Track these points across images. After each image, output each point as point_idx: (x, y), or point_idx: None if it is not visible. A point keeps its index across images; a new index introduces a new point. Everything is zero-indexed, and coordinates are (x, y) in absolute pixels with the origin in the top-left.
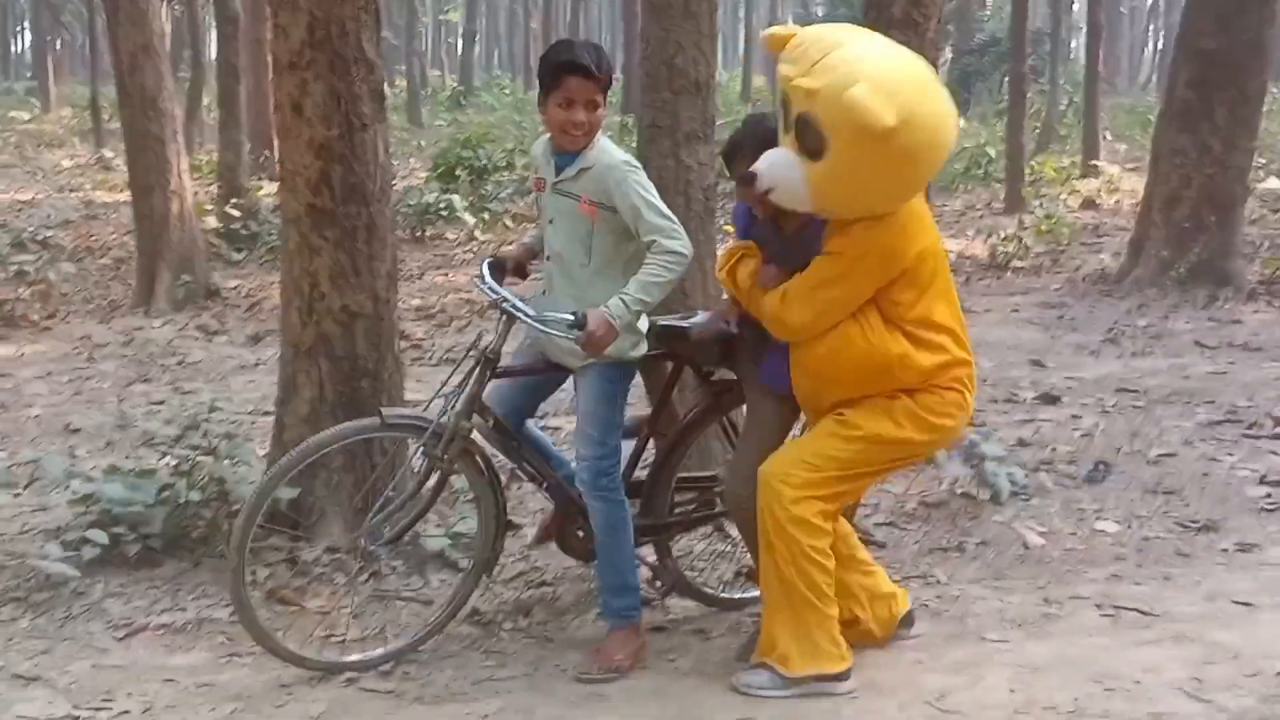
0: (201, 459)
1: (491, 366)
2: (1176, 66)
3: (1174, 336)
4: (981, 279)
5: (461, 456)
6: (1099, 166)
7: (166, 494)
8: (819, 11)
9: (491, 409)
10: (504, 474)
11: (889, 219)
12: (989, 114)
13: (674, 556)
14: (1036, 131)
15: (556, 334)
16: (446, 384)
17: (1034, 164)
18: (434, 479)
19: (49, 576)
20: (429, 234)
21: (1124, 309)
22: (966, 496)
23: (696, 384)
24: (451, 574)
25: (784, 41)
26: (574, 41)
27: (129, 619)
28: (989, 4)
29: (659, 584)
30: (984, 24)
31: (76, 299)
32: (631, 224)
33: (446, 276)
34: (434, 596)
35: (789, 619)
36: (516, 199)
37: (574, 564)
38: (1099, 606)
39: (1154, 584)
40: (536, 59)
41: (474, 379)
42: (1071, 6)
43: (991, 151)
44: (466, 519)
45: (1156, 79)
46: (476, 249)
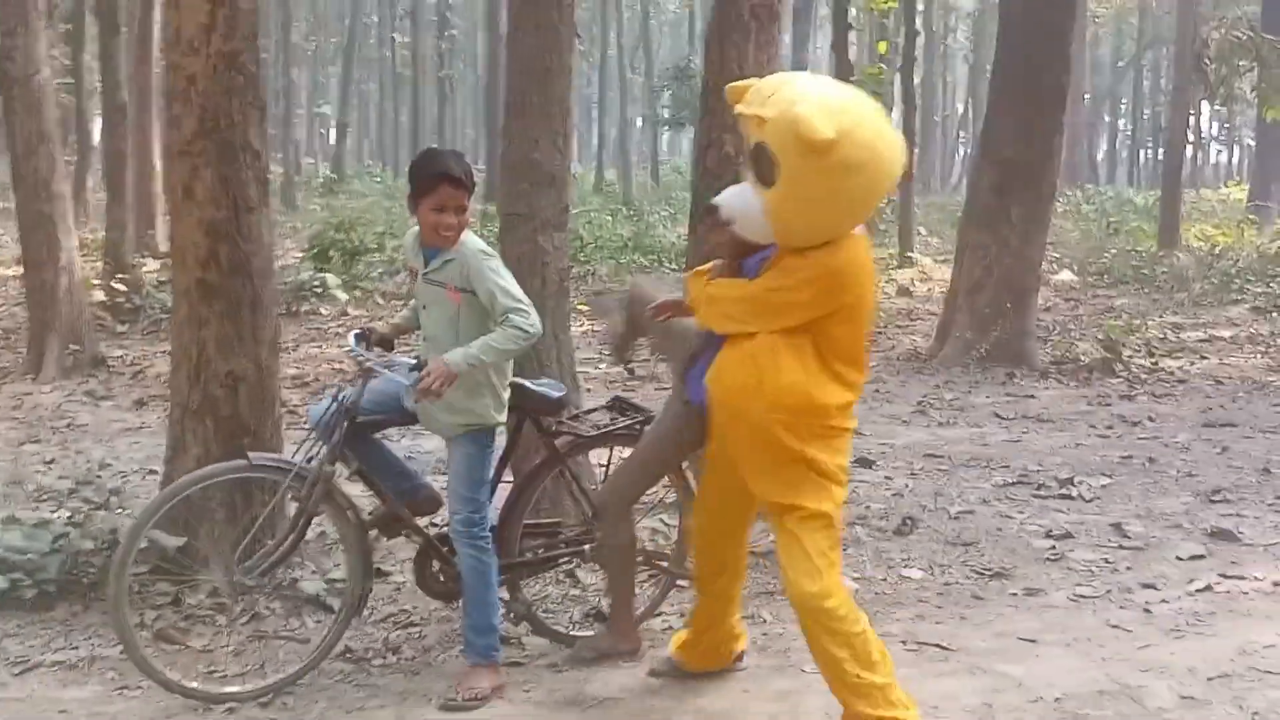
0: (93, 511)
1: (350, 417)
2: (979, 171)
3: (975, 409)
4: None
5: (325, 499)
6: (913, 258)
7: (61, 543)
8: (665, 113)
9: (351, 459)
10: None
11: (842, 249)
12: None
13: (523, 596)
14: None
15: (400, 377)
16: (310, 435)
17: None
18: (301, 521)
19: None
20: (304, 309)
21: (932, 384)
22: None
23: (537, 437)
24: (326, 615)
25: (743, 91)
26: (443, 152)
27: (25, 657)
28: None
29: (511, 614)
30: None
31: None
32: (488, 305)
33: (320, 348)
34: (310, 635)
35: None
36: (386, 278)
37: (439, 606)
38: (904, 642)
39: (952, 623)
40: (405, 150)
41: (335, 429)
42: (890, 114)
43: None
44: (340, 566)
45: (965, 180)
46: (348, 323)
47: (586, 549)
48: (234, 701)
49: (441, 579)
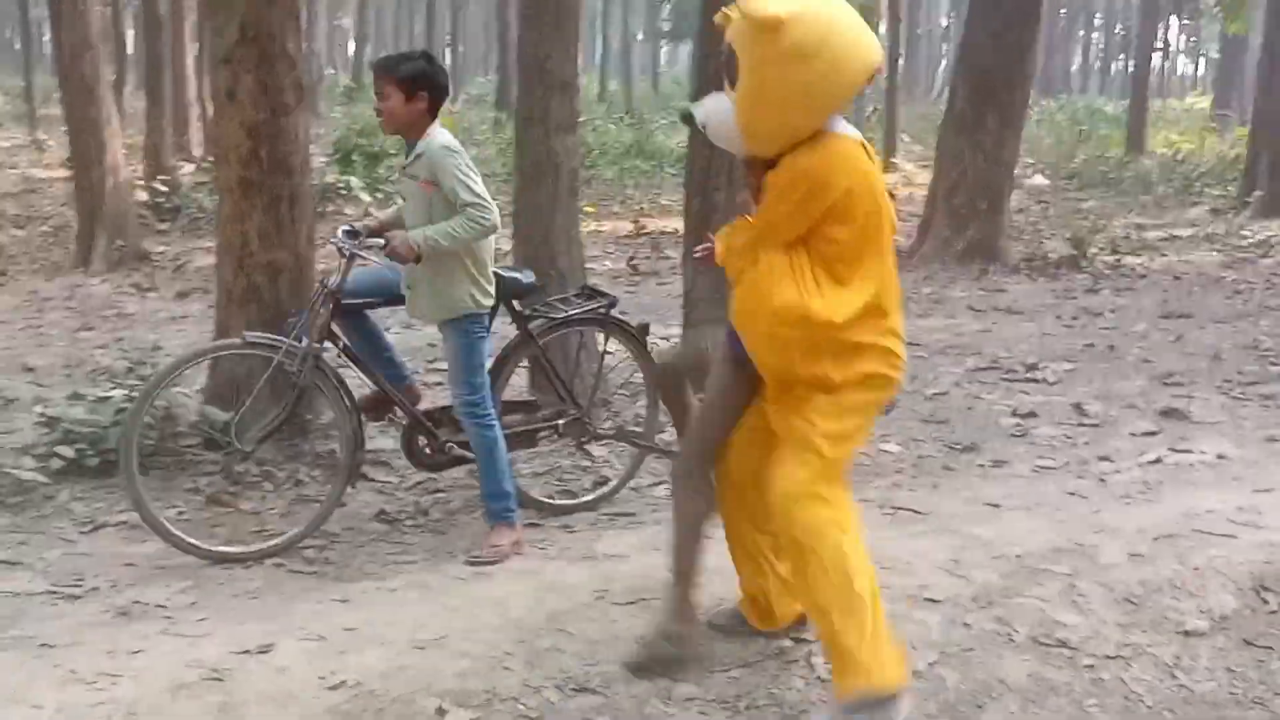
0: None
1: (335, 299)
2: (956, 80)
3: (951, 301)
4: None
5: (315, 374)
6: (897, 164)
7: (120, 416)
8: (665, 26)
9: (340, 335)
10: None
11: (816, 148)
12: None
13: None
14: None
15: (373, 257)
16: (301, 316)
17: None
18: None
19: (23, 483)
20: (330, 210)
21: (912, 279)
22: None
23: (510, 320)
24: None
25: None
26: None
27: (91, 518)
28: None
29: None
30: None
31: (22, 260)
32: (451, 198)
33: None
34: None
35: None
36: None
37: (463, 474)
38: (881, 507)
39: (925, 491)
40: None
41: (321, 310)
42: (877, 28)
43: None
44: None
45: (948, 91)
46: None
47: (560, 423)
48: (233, 561)
49: (428, 452)
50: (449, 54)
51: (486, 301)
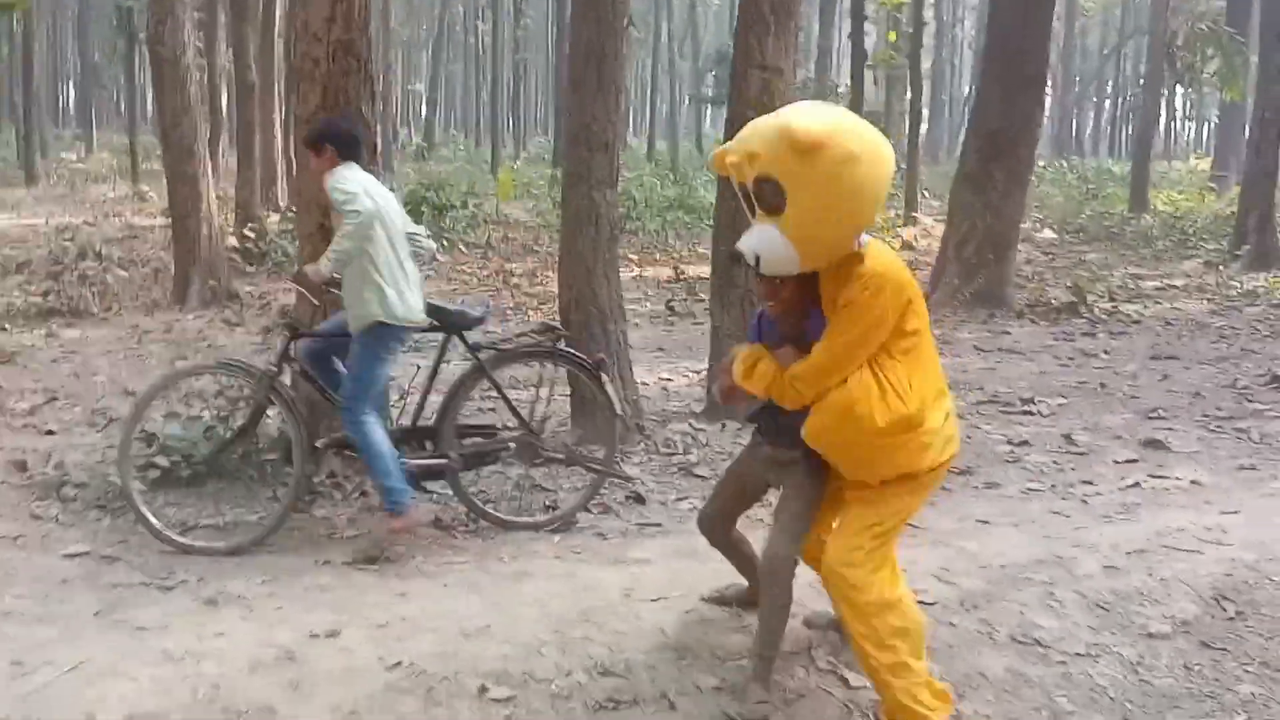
0: (233, 410)
1: (293, 329)
2: (968, 141)
3: (959, 342)
4: None
5: (272, 394)
6: (917, 217)
7: (210, 433)
8: (709, 92)
9: (299, 359)
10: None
11: (871, 254)
12: None
13: (462, 486)
14: None
15: (293, 284)
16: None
17: None
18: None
19: (124, 490)
20: None
21: None
22: None
23: (464, 352)
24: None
25: (722, 156)
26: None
27: (184, 521)
28: (841, 89)
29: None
30: (836, 104)
31: (125, 297)
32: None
33: None
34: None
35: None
36: (469, 230)
37: (511, 486)
38: None
39: (923, 509)
40: (485, 123)
41: (281, 339)
42: (905, 95)
43: None
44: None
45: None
46: (436, 268)
47: (512, 445)
48: (199, 553)
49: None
50: (510, 117)
51: (398, 312)
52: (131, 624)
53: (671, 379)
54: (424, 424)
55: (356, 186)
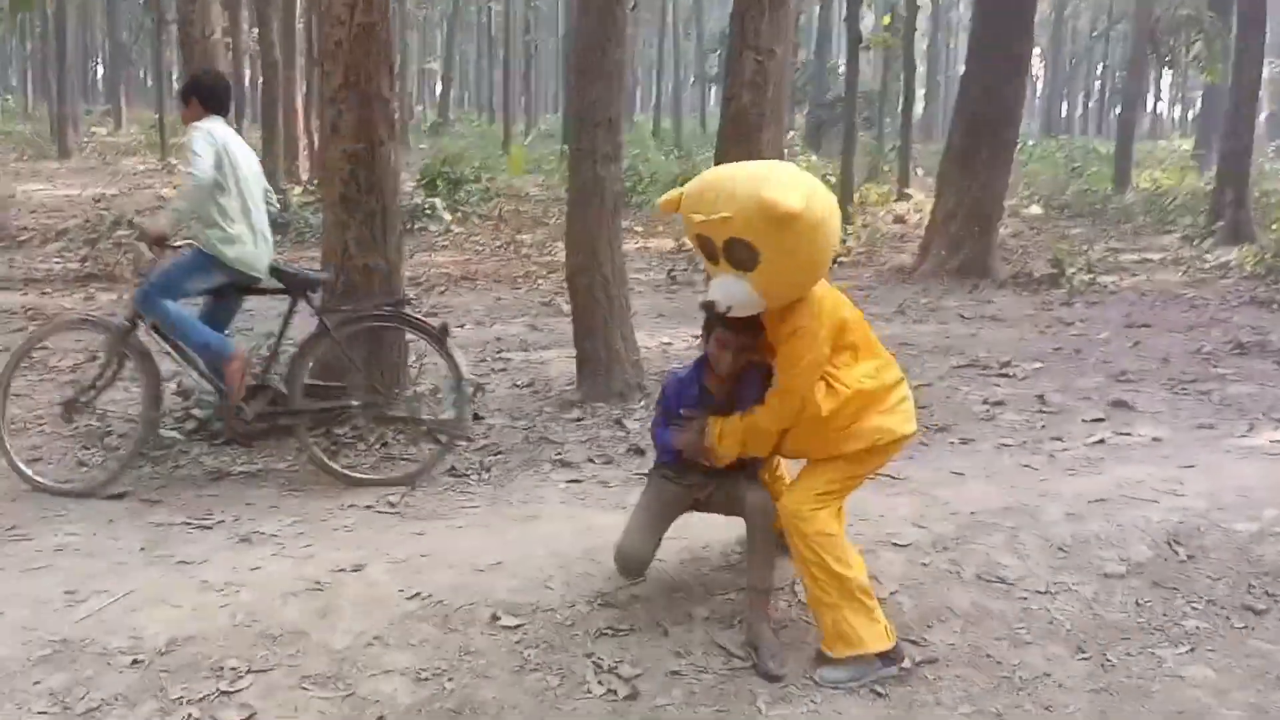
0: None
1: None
2: (955, 121)
3: (944, 310)
4: None
5: (126, 345)
6: (910, 193)
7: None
8: (712, 71)
9: (144, 317)
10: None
11: (818, 293)
12: (834, 152)
13: (307, 441)
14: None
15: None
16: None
17: (862, 190)
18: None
19: (163, 440)
20: (417, 227)
21: (912, 291)
22: None
23: (311, 312)
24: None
25: (676, 202)
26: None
27: (218, 468)
28: (840, 70)
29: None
30: (834, 84)
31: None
32: None
33: (429, 256)
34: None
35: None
36: (481, 203)
37: (521, 439)
38: None
39: (901, 461)
40: (497, 100)
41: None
42: (900, 75)
43: (832, 179)
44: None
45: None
46: (451, 239)
47: (354, 404)
48: (76, 494)
49: (246, 421)
50: (521, 95)
51: (231, 254)
52: (174, 558)
53: (672, 342)
54: (271, 381)
55: (207, 148)
